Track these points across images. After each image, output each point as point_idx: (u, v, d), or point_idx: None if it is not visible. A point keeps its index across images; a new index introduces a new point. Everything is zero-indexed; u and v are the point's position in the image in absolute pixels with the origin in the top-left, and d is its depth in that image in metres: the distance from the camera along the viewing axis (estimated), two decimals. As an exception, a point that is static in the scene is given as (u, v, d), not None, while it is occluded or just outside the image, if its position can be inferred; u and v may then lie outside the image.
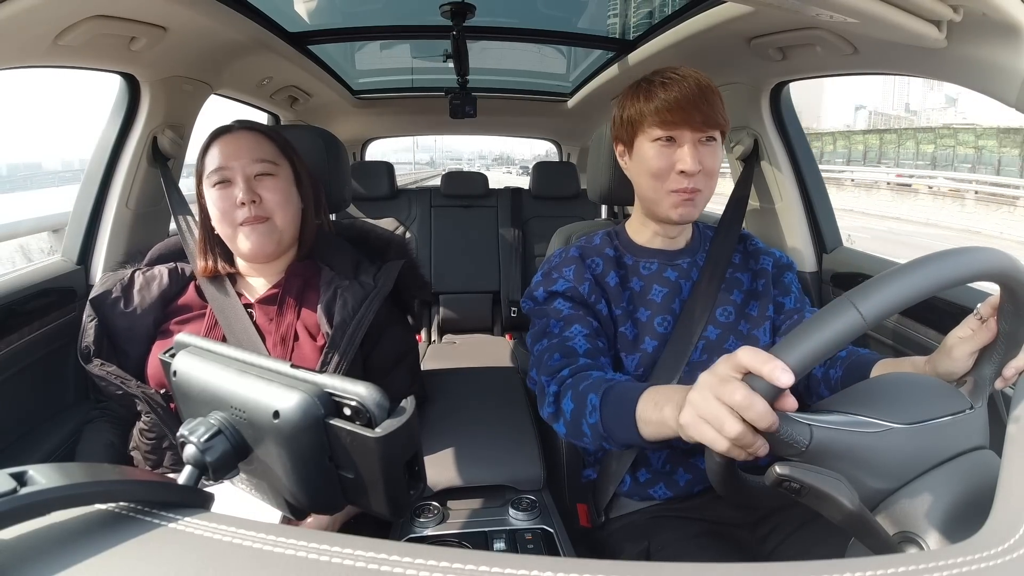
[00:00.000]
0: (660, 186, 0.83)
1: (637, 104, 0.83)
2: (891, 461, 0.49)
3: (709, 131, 0.80)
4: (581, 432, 0.72)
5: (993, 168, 18.60)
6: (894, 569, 0.28)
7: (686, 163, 0.79)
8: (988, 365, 0.57)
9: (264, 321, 0.91)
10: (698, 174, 0.81)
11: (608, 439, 0.69)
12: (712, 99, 0.80)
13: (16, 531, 0.30)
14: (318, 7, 1.46)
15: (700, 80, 0.80)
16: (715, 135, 0.82)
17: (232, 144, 0.88)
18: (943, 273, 0.46)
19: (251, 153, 0.88)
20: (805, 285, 1.28)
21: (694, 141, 0.80)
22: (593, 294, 0.86)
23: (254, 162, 0.87)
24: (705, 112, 0.79)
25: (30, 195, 18.82)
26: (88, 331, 0.88)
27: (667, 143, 0.81)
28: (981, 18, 0.66)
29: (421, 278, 1.04)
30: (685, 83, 0.79)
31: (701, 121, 0.79)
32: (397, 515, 0.49)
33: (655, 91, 0.81)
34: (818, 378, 0.85)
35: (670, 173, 0.81)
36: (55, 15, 0.81)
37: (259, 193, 0.87)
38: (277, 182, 0.89)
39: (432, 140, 62.81)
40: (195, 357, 0.54)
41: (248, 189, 0.86)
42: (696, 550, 0.79)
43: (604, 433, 0.68)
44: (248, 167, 0.87)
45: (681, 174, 0.81)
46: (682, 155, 0.80)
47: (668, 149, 0.81)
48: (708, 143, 0.81)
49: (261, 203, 0.87)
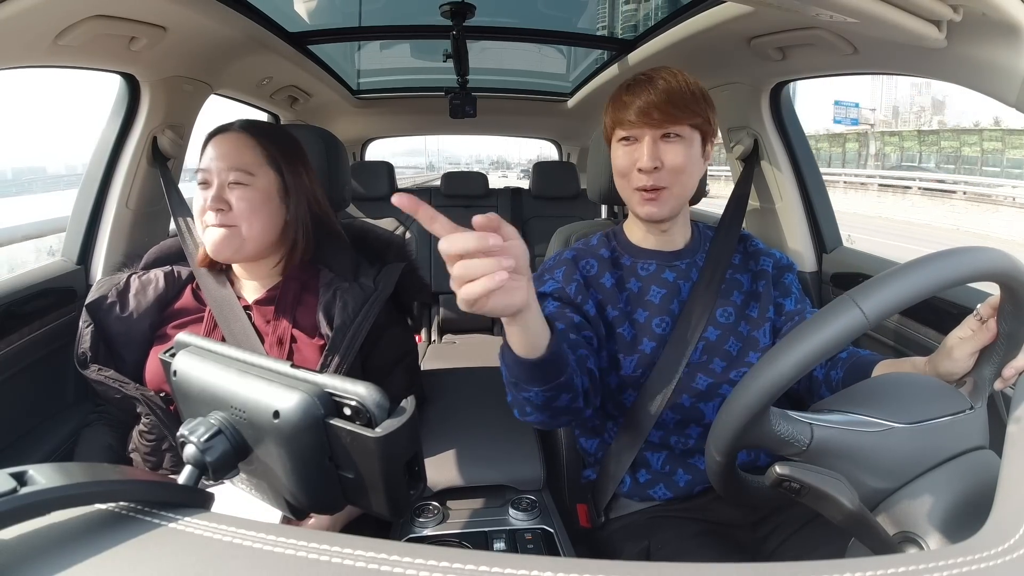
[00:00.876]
0: (627, 185, 0.86)
1: (610, 107, 0.86)
2: (891, 461, 0.49)
3: (668, 127, 0.81)
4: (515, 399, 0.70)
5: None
6: (894, 569, 0.28)
7: (642, 160, 0.82)
8: (988, 366, 0.57)
9: (262, 323, 0.90)
10: (658, 171, 0.82)
11: (518, 383, 0.65)
12: (679, 98, 0.80)
13: (16, 531, 0.30)
14: (318, 7, 1.47)
15: (670, 79, 0.82)
16: (680, 131, 0.82)
17: (220, 146, 0.87)
18: (944, 273, 0.46)
19: (229, 159, 0.86)
20: (805, 285, 1.28)
21: (654, 138, 0.82)
22: (580, 295, 0.86)
23: (228, 169, 0.86)
24: (663, 109, 0.80)
25: (37, 198, 18.89)
26: (84, 337, 0.88)
27: (629, 143, 0.84)
28: (981, 18, 0.66)
29: (421, 281, 1.04)
30: (650, 85, 0.82)
31: (660, 118, 0.80)
32: (397, 515, 0.49)
33: (620, 95, 0.84)
34: (819, 379, 0.85)
35: (632, 171, 0.84)
36: (55, 15, 0.81)
37: (228, 200, 0.85)
38: (248, 191, 0.87)
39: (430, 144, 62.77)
40: (195, 357, 0.54)
41: (217, 196, 0.85)
42: (696, 550, 0.79)
43: (512, 379, 0.66)
44: (223, 174, 0.86)
45: (640, 172, 0.83)
46: (639, 152, 0.83)
47: (630, 147, 0.84)
48: (672, 140, 0.82)
49: (230, 211, 0.85)
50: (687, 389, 0.86)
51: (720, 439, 0.51)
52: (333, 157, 1.11)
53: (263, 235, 0.89)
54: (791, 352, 0.46)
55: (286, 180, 0.91)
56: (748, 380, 0.49)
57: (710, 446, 0.53)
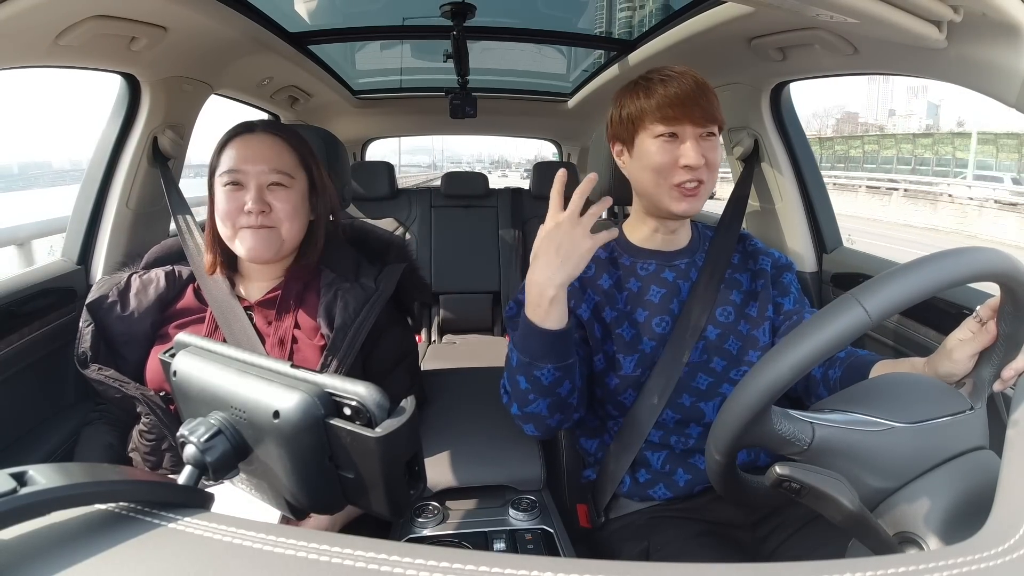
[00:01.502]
0: (663, 181, 0.84)
1: (637, 101, 0.83)
2: (892, 461, 0.49)
3: (710, 126, 0.82)
4: (516, 384, 0.76)
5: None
6: (894, 569, 0.28)
7: (690, 157, 0.81)
8: (988, 367, 0.57)
9: (263, 323, 0.90)
10: (701, 168, 0.82)
11: (532, 361, 0.73)
12: (710, 96, 0.82)
13: (16, 531, 0.30)
14: (318, 7, 1.47)
15: (696, 78, 0.83)
16: (714, 130, 0.84)
17: (252, 147, 0.87)
18: (946, 272, 0.46)
19: (269, 162, 0.86)
20: (805, 285, 1.28)
21: (696, 136, 0.82)
22: (573, 298, 0.86)
23: (271, 172, 0.86)
24: (704, 107, 0.81)
25: (45, 192, 18.91)
26: (85, 336, 0.88)
27: (670, 139, 0.82)
28: (981, 18, 0.66)
29: (422, 281, 1.04)
30: (683, 79, 0.81)
31: (701, 116, 0.81)
32: (397, 515, 0.49)
33: (654, 88, 0.82)
34: (817, 379, 0.85)
35: (674, 168, 0.82)
36: (55, 15, 0.81)
37: (270, 202, 0.86)
38: (290, 194, 0.87)
39: (434, 143, 62.97)
40: (195, 357, 0.54)
41: (259, 198, 0.84)
42: (696, 550, 0.79)
43: (526, 359, 0.73)
44: (263, 176, 0.85)
45: (685, 168, 0.82)
46: (686, 150, 0.81)
47: (671, 144, 0.82)
48: (709, 138, 0.83)
49: (270, 213, 0.86)
50: (687, 388, 0.86)
51: (721, 438, 0.51)
52: (333, 157, 1.11)
53: (298, 236, 0.91)
54: (793, 351, 0.46)
55: (315, 181, 0.92)
56: (749, 379, 0.49)
57: (710, 445, 0.53)
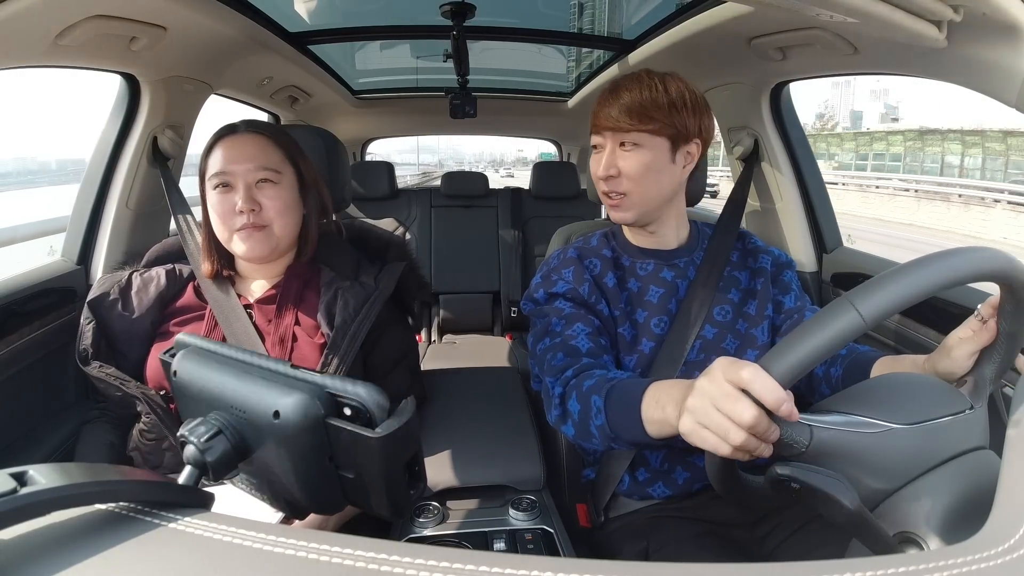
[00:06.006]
0: (598, 190, 0.89)
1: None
2: (891, 461, 0.49)
3: (624, 136, 0.82)
4: (589, 434, 0.72)
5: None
6: (894, 569, 0.28)
7: (597, 168, 0.85)
8: (988, 365, 0.57)
9: (263, 322, 0.90)
10: (615, 179, 0.84)
11: (616, 440, 0.69)
12: (639, 107, 0.80)
13: (16, 531, 0.30)
14: (318, 7, 1.47)
15: (634, 92, 0.81)
16: (637, 140, 0.81)
17: (237, 148, 0.87)
18: (943, 273, 0.46)
19: (255, 159, 0.86)
20: (805, 285, 1.28)
21: (613, 147, 0.84)
22: (593, 295, 0.87)
23: (257, 169, 0.86)
24: (621, 120, 0.80)
25: (47, 191, 18.91)
26: (86, 333, 0.88)
27: (597, 151, 0.87)
28: (981, 18, 0.66)
29: (422, 279, 1.04)
30: (613, 96, 0.83)
31: (615, 127, 0.82)
32: (397, 515, 0.49)
33: (603, 97, 0.85)
34: (819, 376, 0.85)
35: (598, 179, 0.86)
36: (55, 15, 0.81)
37: (259, 201, 0.86)
38: (279, 190, 0.88)
39: (439, 142, 63.14)
40: (195, 357, 0.54)
41: (248, 197, 0.85)
42: (695, 550, 0.79)
43: (612, 434, 0.68)
44: (250, 174, 0.86)
45: (601, 179, 0.85)
46: (599, 160, 0.85)
47: (597, 155, 0.87)
48: (630, 148, 0.82)
49: (261, 211, 0.86)
50: None
51: None
52: (333, 157, 1.11)
53: (292, 232, 0.91)
54: (788, 355, 0.46)
55: (304, 176, 0.93)
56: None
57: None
